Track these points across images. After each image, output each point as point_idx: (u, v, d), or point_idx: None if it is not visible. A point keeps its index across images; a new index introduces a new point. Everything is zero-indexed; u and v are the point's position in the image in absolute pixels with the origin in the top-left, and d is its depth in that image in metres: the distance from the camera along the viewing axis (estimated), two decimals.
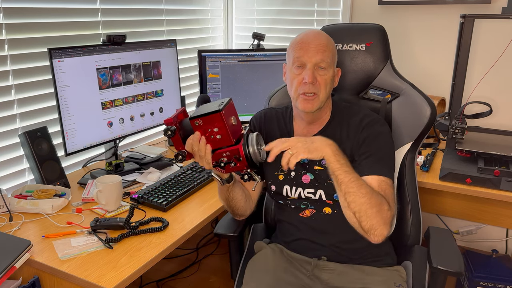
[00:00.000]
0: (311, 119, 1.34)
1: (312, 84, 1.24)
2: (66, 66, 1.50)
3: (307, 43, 1.26)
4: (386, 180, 1.22)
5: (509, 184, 1.60)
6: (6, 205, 1.40)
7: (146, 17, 2.16)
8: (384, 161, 1.26)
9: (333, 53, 1.29)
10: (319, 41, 1.26)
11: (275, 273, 1.27)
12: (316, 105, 1.27)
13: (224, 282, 2.25)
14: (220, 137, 1.11)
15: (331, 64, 1.27)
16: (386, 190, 1.20)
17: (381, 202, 1.14)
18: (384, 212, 1.14)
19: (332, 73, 1.28)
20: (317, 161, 1.32)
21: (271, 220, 1.58)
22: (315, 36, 1.28)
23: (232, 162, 1.12)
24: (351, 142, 1.28)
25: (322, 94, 1.26)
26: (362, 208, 1.12)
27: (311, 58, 1.24)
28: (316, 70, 1.25)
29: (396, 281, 1.27)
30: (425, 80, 2.28)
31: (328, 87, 1.27)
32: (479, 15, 1.98)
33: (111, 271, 1.12)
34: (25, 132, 1.53)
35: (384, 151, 1.28)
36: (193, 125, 1.12)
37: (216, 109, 1.08)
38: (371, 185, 1.18)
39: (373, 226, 1.13)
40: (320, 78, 1.25)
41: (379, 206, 1.13)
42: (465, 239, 2.38)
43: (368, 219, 1.12)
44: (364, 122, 1.29)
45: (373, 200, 1.12)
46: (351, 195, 1.12)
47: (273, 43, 2.64)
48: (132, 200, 1.50)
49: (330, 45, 1.29)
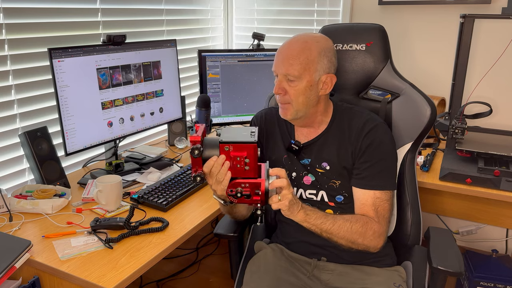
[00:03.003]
0: (301, 124, 1.34)
1: (281, 95, 1.25)
2: (66, 66, 1.50)
3: (280, 52, 1.25)
4: (381, 196, 1.25)
5: (509, 184, 1.60)
6: (6, 205, 1.40)
7: (146, 17, 2.16)
8: (384, 173, 1.27)
9: (308, 61, 1.21)
10: (289, 52, 1.22)
11: (275, 273, 1.27)
12: (290, 114, 1.27)
13: (224, 282, 2.25)
14: (247, 168, 1.07)
15: (302, 75, 1.22)
16: (380, 207, 1.25)
17: (362, 232, 1.21)
18: (369, 238, 1.22)
19: (306, 83, 1.22)
20: (317, 164, 1.32)
21: (271, 220, 1.57)
22: (290, 45, 1.24)
23: (249, 194, 1.08)
24: (352, 146, 1.28)
25: (295, 104, 1.25)
26: (348, 243, 1.22)
27: (279, 70, 1.24)
28: (286, 81, 1.24)
29: (396, 281, 1.27)
30: (425, 80, 2.28)
31: (301, 98, 1.23)
32: (479, 15, 1.98)
33: (111, 271, 1.12)
34: (25, 132, 1.53)
35: (385, 161, 1.28)
36: (221, 149, 1.07)
37: (252, 140, 1.05)
38: (365, 201, 1.25)
39: (364, 248, 1.24)
40: (290, 89, 1.24)
41: (362, 236, 1.21)
42: (465, 239, 2.38)
43: (357, 246, 1.23)
44: (367, 128, 1.27)
45: (354, 235, 1.20)
46: (333, 237, 1.21)
47: (273, 43, 2.64)
48: (132, 200, 1.50)
49: (304, 53, 1.21)
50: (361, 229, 1.20)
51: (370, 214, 1.24)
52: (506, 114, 2.19)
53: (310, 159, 1.33)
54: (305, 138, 1.35)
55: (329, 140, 1.31)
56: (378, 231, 1.22)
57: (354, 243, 1.21)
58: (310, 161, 1.33)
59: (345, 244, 1.22)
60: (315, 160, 1.32)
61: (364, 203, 1.26)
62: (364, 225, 1.21)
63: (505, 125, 2.16)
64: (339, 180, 1.30)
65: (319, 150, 1.32)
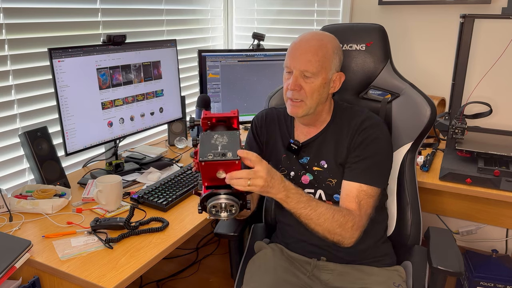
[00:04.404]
0: (307, 122, 1.33)
1: (296, 91, 1.23)
2: (66, 66, 1.50)
3: (296, 48, 1.23)
4: (367, 190, 1.23)
5: (509, 184, 1.60)
6: (6, 205, 1.40)
7: (146, 17, 2.16)
8: (373, 168, 1.25)
9: (325, 59, 1.22)
10: (308, 48, 1.22)
11: (275, 273, 1.27)
12: (302, 111, 1.25)
13: (224, 282, 2.25)
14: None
15: (319, 72, 1.22)
16: (363, 200, 1.22)
17: (343, 222, 1.16)
18: (348, 229, 1.17)
19: (321, 80, 1.23)
20: (315, 162, 1.32)
21: (271, 220, 1.58)
22: (307, 41, 1.23)
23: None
24: (348, 142, 1.28)
25: (309, 101, 1.24)
26: (324, 231, 1.17)
27: (296, 66, 1.22)
28: (302, 77, 1.22)
29: (395, 281, 1.27)
30: (425, 80, 2.28)
31: (315, 94, 1.23)
32: (479, 15, 1.98)
33: (111, 271, 1.12)
34: (25, 132, 1.53)
35: (377, 158, 1.26)
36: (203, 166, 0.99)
37: (236, 158, 0.97)
38: (350, 192, 1.23)
39: (338, 240, 1.19)
40: (306, 85, 1.22)
41: (341, 227, 1.17)
42: (465, 239, 2.38)
43: (332, 237, 1.18)
44: (364, 125, 1.27)
45: (334, 224, 1.16)
46: (311, 224, 1.15)
47: (273, 43, 2.64)
48: (132, 200, 1.50)
49: (321, 51, 1.22)
50: (342, 219, 1.17)
51: (353, 206, 1.22)
52: (506, 114, 2.19)
53: (308, 157, 1.33)
54: (305, 137, 1.35)
55: (328, 138, 1.31)
56: (357, 223, 1.19)
57: (331, 233, 1.17)
58: (308, 159, 1.33)
59: (321, 232, 1.17)
60: (314, 158, 1.32)
61: (348, 194, 1.23)
62: (346, 215, 1.18)
63: (505, 125, 2.16)
64: (335, 178, 1.29)
65: (318, 148, 1.32)
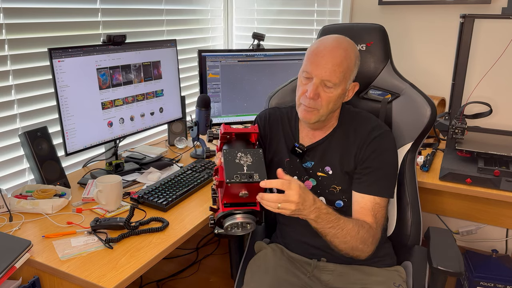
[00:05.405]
0: (314, 127, 1.31)
1: (313, 99, 1.20)
2: (66, 66, 1.50)
3: (320, 56, 1.19)
4: (380, 202, 1.25)
5: (509, 184, 1.60)
6: (6, 205, 1.40)
7: (146, 17, 2.16)
8: (384, 179, 1.26)
9: (348, 70, 1.20)
10: (332, 58, 1.18)
11: (275, 273, 1.27)
12: (315, 118, 1.24)
13: (224, 282, 2.25)
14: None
15: (341, 82, 1.20)
16: (378, 213, 1.25)
17: (365, 239, 1.18)
18: (368, 244, 1.20)
19: (340, 91, 1.21)
20: (320, 168, 1.31)
21: (271, 220, 1.57)
22: (332, 50, 1.19)
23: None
24: (356, 151, 1.27)
25: (323, 110, 1.22)
26: (347, 249, 1.18)
27: (318, 74, 1.18)
28: (322, 86, 1.19)
29: (395, 281, 1.27)
30: (425, 80, 2.28)
31: (331, 104, 1.21)
32: (479, 15, 1.98)
33: (111, 271, 1.12)
34: (25, 132, 1.53)
35: (387, 168, 1.27)
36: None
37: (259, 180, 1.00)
38: (364, 205, 1.24)
39: (358, 256, 1.21)
40: (324, 95, 1.20)
41: (364, 243, 1.19)
42: (465, 239, 2.38)
43: (353, 252, 1.20)
44: (373, 135, 1.26)
45: (358, 241, 1.17)
46: (335, 241, 1.16)
47: (273, 43, 2.64)
48: (132, 200, 1.50)
49: (346, 61, 1.19)
50: (366, 235, 1.18)
51: (369, 219, 1.23)
52: (506, 114, 2.19)
53: (313, 162, 1.32)
54: (310, 140, 1.33)
55: (334, 143, 1.30)
56: (375, 237, 1.22)
57: (353, 249, 1.18)
58: (313, 164, 1.32)
59: (344, 250, 1.18)
60: (318, 163, 1.31)
61: (363, 207, 1.24)
62: (368, 231, 1.19)
63: (505, 125, 2.16)
64: (340, 185, 1.29)
65: (323, 153, 1.31)
